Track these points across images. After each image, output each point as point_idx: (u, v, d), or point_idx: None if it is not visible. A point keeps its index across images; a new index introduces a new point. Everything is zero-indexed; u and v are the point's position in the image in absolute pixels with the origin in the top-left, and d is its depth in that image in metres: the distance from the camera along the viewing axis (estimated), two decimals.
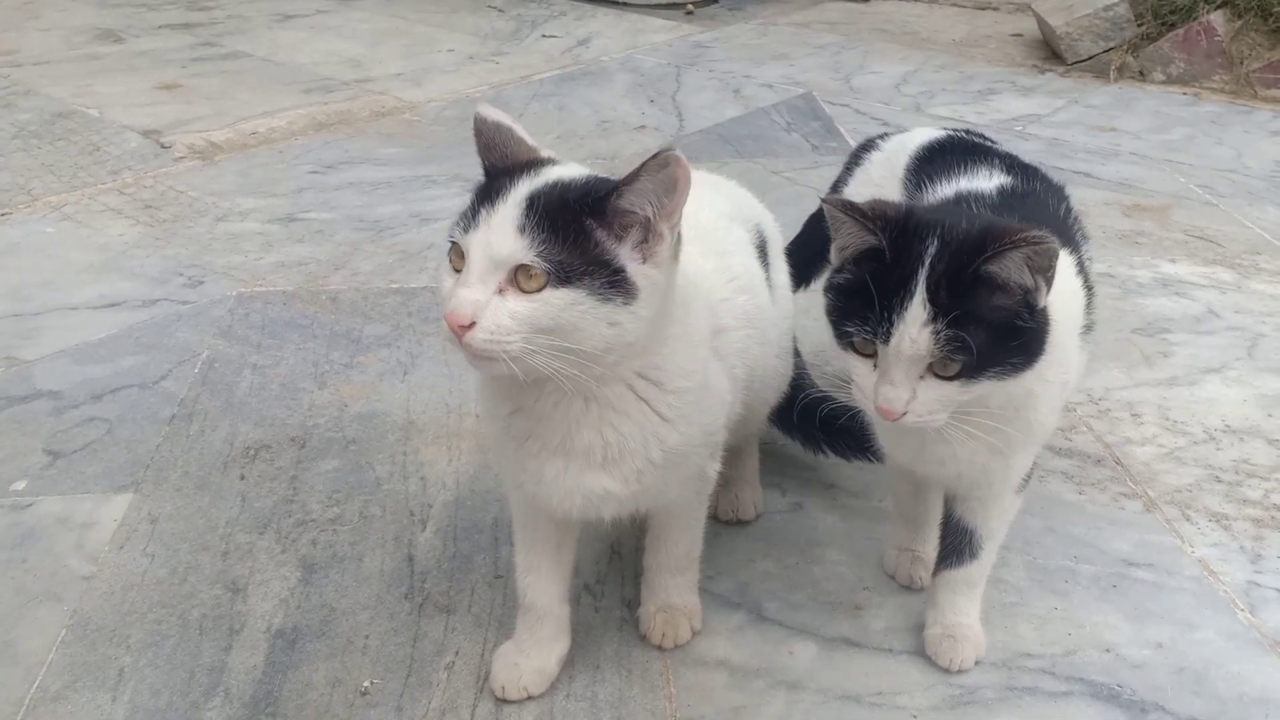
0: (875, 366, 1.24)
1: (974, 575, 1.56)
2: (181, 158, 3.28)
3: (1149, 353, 2.35)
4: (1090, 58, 4.35)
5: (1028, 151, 3.44)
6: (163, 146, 3.34)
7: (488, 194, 1.21)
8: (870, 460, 1.79)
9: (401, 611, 1.64)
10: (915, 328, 1.19)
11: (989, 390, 1.25)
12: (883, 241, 1.22)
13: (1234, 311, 2.54)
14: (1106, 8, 4.33)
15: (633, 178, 1.16)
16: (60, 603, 1.65)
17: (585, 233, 1.17)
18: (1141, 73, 4.24)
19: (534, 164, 1.26)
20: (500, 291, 1.16)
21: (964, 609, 1.56)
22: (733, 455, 1.68)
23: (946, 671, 1.54)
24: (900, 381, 1.22)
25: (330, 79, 4.01)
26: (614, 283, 1.17)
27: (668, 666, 1.55)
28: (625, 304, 1.18)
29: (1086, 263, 1.51)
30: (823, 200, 1.28)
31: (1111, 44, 4.33)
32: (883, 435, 1.50)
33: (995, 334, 1.21)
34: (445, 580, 1.70)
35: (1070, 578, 1.73)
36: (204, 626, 1.61)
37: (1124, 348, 2.36)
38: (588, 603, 1.66)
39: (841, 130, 3.64)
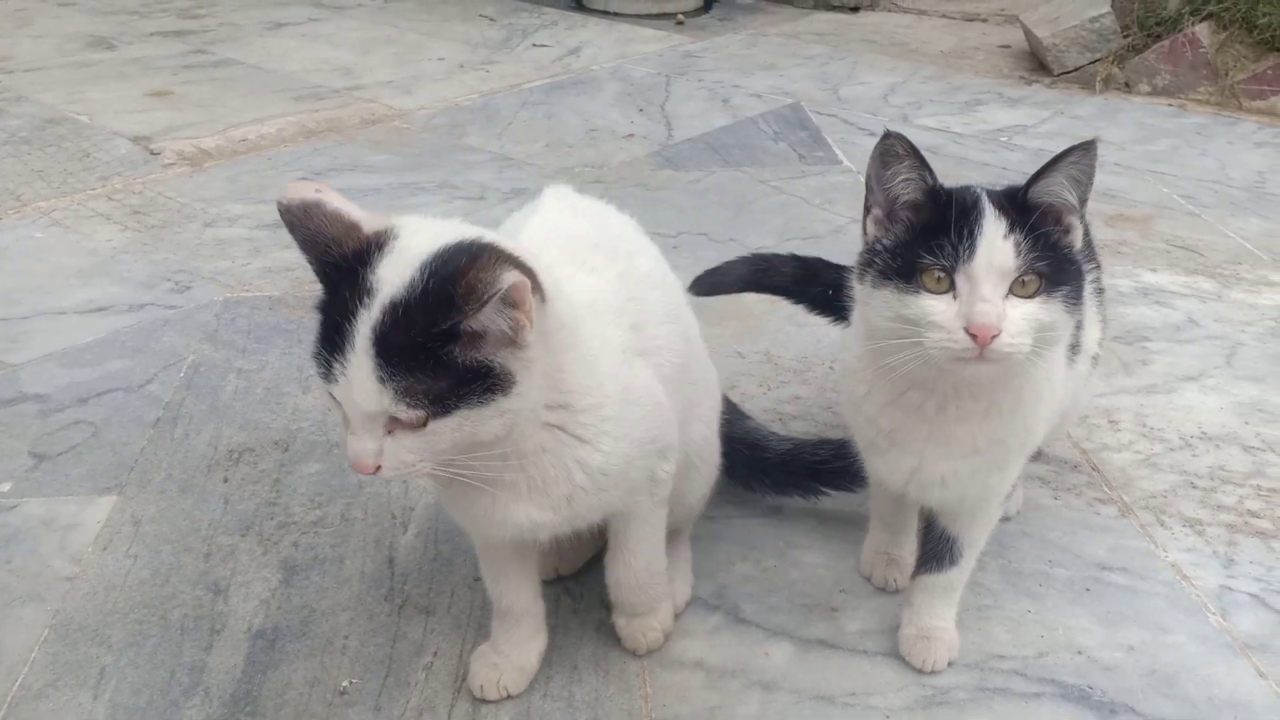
0: (954, 299, 1.25)
1: (953, 581, 1.58)
2: (171, 164, 3.30)
3: (1128, 360, 2.38)
4: (1077, 69, 4.38)
5: (1014, 162, 3.49)
6: (152, 153, 3.36)
7: (332, 331, 1.11)
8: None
9: (381, 612, 1.65)
10: (998, 239, 1.24)
11: (1059, 317, 1.27)
12: (935, 182, 1.28)
13: (1214, 320, 2.57)
14: (1093, 19, 4.36)
15: (478, 307, 1.08)
16: (43, 603, 1.66)
17: (444, 358, 1.10)
18: (1127, 84, 4.27)
19: (364, 255, 1.13)
20: (389, 432, 1.13)
21: (940, 613, 1.59)
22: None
23: (920, 672, 1.56)
24: (992, 296, 1.23)
25: (321, 86, 4.03)
26: (490, 385, 1.13)
27: (644, 667, 1.57)
28: (507, 394, 1.15)
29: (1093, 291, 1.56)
30: (887, 132, 1.29)
31: (1098, 55, 4.36)
32: (879, 460, 1.48)
33: (1055, 256, 1.26)
34: (425, 582, 1.71)
35: (1044, 581, 1.74)
36: (185, 627, 1.62)
37: (1104, 355, 2.38)
38: (567, 604, 1.67)
39: (829, 140, 3.67)
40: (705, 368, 1.65)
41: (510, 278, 1.08)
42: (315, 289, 1.18)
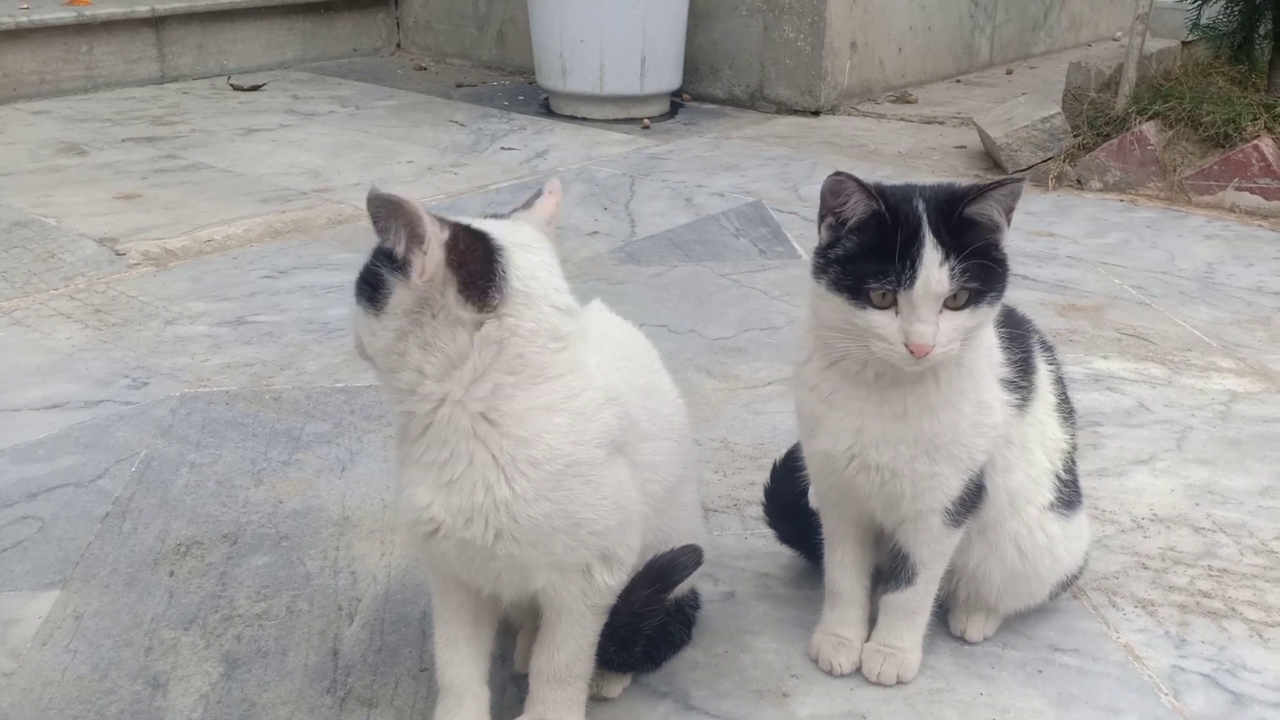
0: (896, 314, 1.41)
1: (910, 603, 1.65)
2: (136, 264, 3.32)
3: (1080, 445, 2.38)
4: (1030, 167, 4.50)
5: None
6: (117, 254, 3.38)
7: None
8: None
9: (323, 706, 1.62)
10: (934, 269, 1.39)
11: (984, 318, 1.46)
12: (883, 206, 1.42)
13: (1164, 405, 2.60)
14: (1044, 119, 4.49)
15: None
16: None
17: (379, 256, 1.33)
18: (1079, 181, 4.38)
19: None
20: None
21: (900, 634, 1.67)
22: None
23: (866, 680, 1.66)
24: (928, 318, 1.41)
25: (289, 189, 4.09)
26: (377, 288, 1.32)
27: None
28: (376, 311, 1.33)
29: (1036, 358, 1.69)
30: (837, 172, 1.44)
31: (1049, 154, 4.49)
32: (821, 434, 1.57)
33: (983, 266, 1.43)
34: (369, 674, 1.69)
35: (996, 663, 1.73)
36: None
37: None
38: (513, 694, 1.64)
39: (788, 236, 3.73)
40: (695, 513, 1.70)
41: (410, 209, 1.27)
42: (272, 384, 1.19)
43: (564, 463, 1.35)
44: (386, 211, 1.28)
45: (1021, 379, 1.62)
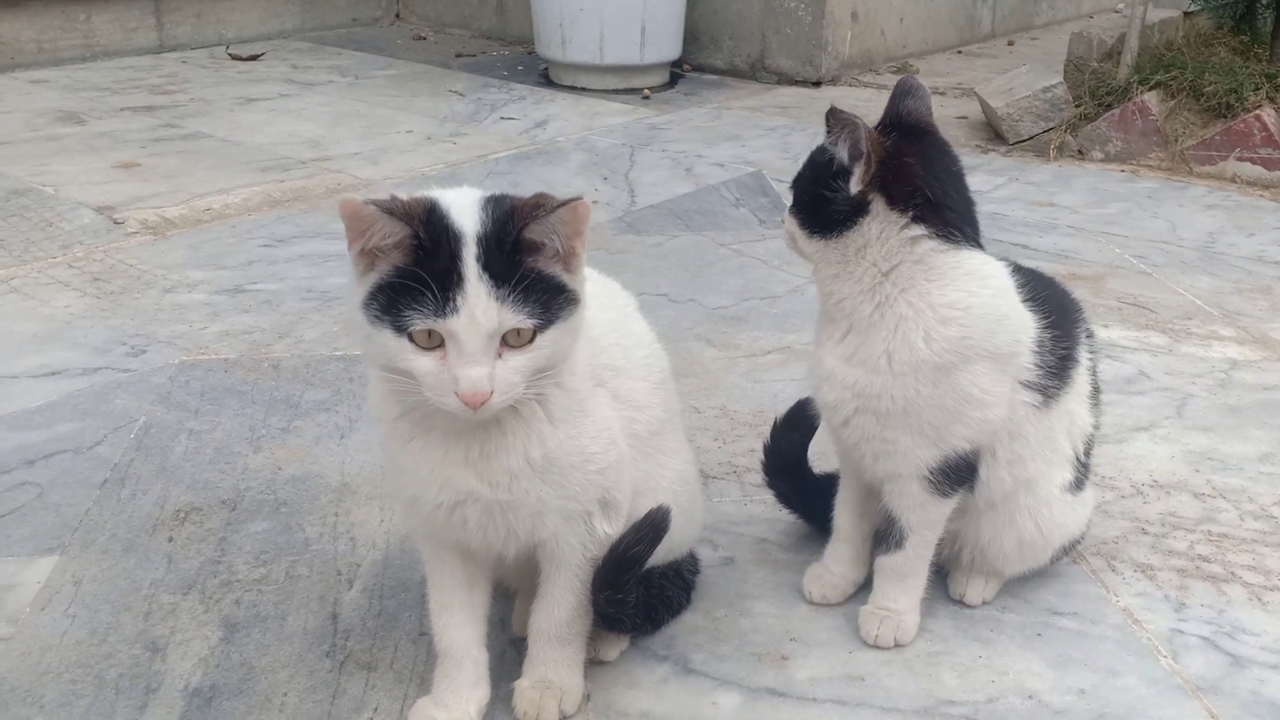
0: None
1: (900, 566, 1.67)
2: (134, 233, 3.31)
3: None
4: (1031, 138, 4.47)
5: None
6: (115, 222, 3.36)
7: (437, 274, 1.22)
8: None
9: (322, 669, 1.62)
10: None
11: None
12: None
13: (1164, 373, 2.59)
14: (1045, 90, 4.47)
15: (543, 215, 1.25)
16: None
17: (535, 272, 1.25)
18: (1080, 151, 4.36)
19: (435, 216, 1.25)
20: (499, 355, 1.25)
21: (894, 596, 1.68)
22: None
23: (864, 644, 1.67)
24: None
25: (288, 158, 4.07)
26: (569, 298, 1.28)
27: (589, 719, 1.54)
28: (575, 311, 1.29)
29: (1081, 343, 1.68)
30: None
31: (1051, 124, 4.46)
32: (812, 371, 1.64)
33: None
34: (369, 638, 1.69)
35: (995, 627, 1.73)
36: (120, 686, 1.58)
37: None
38: (512, 658, 1.64)
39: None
40: (683, 460, 1.68)
41: (575, 203, 1.25)
42: (270, 352, 1.18)
43: (579, 398, 1.38)
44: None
45: (1051, 381, 1.60)
